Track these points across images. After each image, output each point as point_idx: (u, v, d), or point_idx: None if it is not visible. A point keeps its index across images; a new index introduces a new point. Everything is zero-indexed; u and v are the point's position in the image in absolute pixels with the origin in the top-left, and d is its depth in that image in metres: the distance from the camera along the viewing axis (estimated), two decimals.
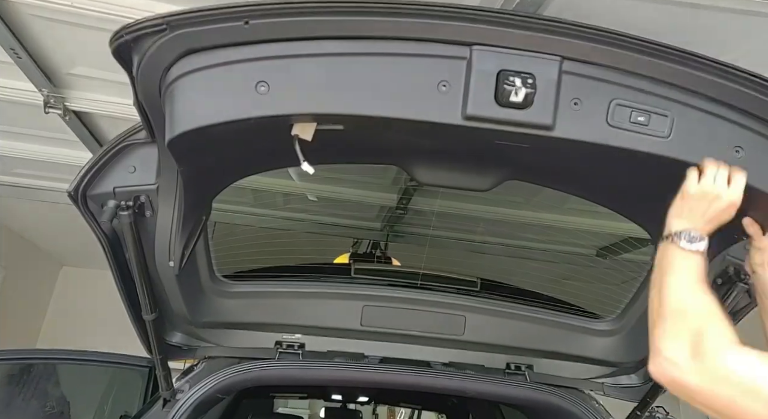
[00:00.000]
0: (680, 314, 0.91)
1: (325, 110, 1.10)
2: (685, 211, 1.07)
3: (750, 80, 1.12)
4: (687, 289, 0.95)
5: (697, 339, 0.86)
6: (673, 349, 0.87)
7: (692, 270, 0.99)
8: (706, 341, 0.86)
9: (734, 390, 0.81)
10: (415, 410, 4.23)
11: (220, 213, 1.75)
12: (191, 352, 1.93)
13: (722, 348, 0.85)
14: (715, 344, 0.86)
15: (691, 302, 0.93)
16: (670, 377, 0.87)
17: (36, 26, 1.86)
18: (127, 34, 1.05)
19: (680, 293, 0.95)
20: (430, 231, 2.19)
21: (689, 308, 0.92)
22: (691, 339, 0.87)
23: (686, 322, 0.90)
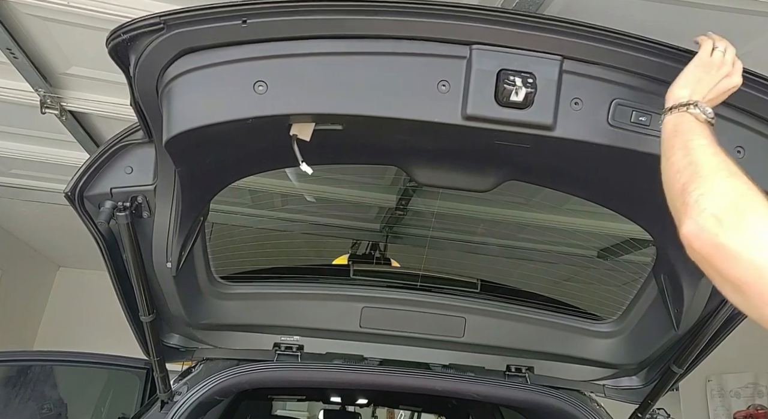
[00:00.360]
0: (721, 179, 0.81)
1: (323, 109, 1.09)
2: (695, 81, 0.99)
3: (751, 80, 1.11)
4: (719, 152, 0.86)
5: (739, 199, 0.78)
6: (715, 205, 0.77)
7: (709, 136, 0.90)
8: (747, 202, 0.77)
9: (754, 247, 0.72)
10: (414, 412, 4.22)
11: (218, 214, 1.74)
12: (189, 354, 1.92)
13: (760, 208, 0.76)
14: (758, 207, 0.76)
15: (730, 164, 0.83)
16: (710, 235, 0.75)
17: (32, 26, 1.85)
18: (124, 34, 1.05)
19: (713, 158, 0.85)
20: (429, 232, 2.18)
21: (731, 169, 0.82)
22: (734, 200, 0.78)
23: (729, 189, 0.80)
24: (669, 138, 0.94)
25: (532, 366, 1.94)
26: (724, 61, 1.03)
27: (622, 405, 1.98)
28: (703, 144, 0.89)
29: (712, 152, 0.88)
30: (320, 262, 2.49)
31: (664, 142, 0.95)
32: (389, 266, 2.45)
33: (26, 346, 5.22)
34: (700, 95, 0.98)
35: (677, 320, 1.59)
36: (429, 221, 2.17)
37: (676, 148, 0.91)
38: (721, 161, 0.86)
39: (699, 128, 0.93)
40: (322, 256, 2.57)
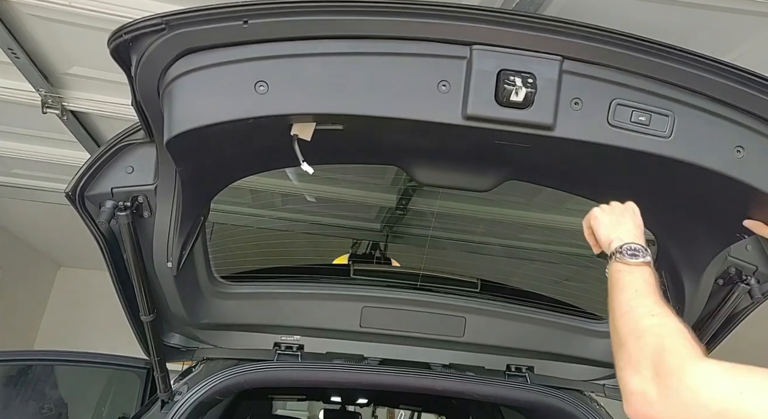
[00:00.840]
0: (636, 337, 0.79)
1: (324, 109, 1.09)
2: (609, 228, 1.01)
3: (751, 80, 1.11)
4: (640, 307, 0.85)
5: (659, 362, 0.74)
6: (639, 380, 0.74)
7: (641, 285, 0.89)
8: (665, 362, 0.73)
9: (705, 413, 0.68)
10: (414, 412, 4.21)
11: (219, 214, 1.75)
12: (189, 353, 1.92)
13: (683, 366, 0.72)
14: (675, 363, 0.73)
15: (646, 321, 0.81)
16: (644, 414, 0.73)
17: (34, 26, 1.86)
18: (126, 34, 1.05)
19: (633, 313, 0.84)
20: (429, 232, 2.19)
21: (644, 329, 0.80)
22: (653, 364, 0.74)
23: (644, 346, 0.77)
24: (610, 289, 0.94)
25: (533, 366, 1.94)
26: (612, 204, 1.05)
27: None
28: (624, 302, 0.87)
29: (631, 312, 0.85)
30: (320, 262, 2.49)
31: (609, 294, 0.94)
32: (389, 266, 2.45)
33: (27, 346, 5.23)
34: (627, 236, 0.98)
35: (679, 315, 1.59)
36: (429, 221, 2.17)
37: (611, 309, 0.90)
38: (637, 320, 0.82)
39: (625, 280, 0.92)
40: (322, 256, 2.57)
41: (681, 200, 1.31)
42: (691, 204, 1.31)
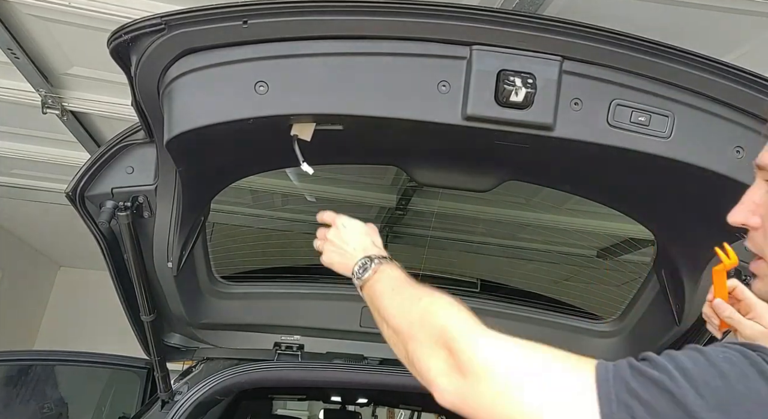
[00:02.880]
0: (415, 326, 0.76)
1: (324, 110, 1.09)
2: (343, 261, 1.04)
3: (751, 80, 1.11)
4: (403, 302, 0.83)
5: (446, 342, 0.69)
6: (436, 369, 0.69)
7: (394, 283, 0.88)
8: (453, 341, 0.69)
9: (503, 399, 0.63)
10: (414, 412, 4.21)
11: (219, 214, 1.74)
12: (190, 353, 1.93)
13: (472, 344, 0.68)
14: (464, 341, 0.68)
15: (416, 308, 0.78)
16: (452, 403, 0.67)
17: (34, 26, 1.86)
18: (126, 34, 1.05)
19: (401, 309, 0.81)
20: (429, 232, 2.18)
21: (420, 315, 0.77)
22: (443, 347, 0.70)
23: (426, 330, 0.74)
24: (371, 309, 0.92)
25: None
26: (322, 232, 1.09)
27: None
28: (387, 303, 0.86)
29: (400, 305, 0.83)
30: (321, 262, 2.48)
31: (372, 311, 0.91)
32: None
33: (27, 346, 5.23)
34: (349, 258, 1.02)
35: (679, 315, 1.59)
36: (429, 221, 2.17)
37: (379, 321, 0.89)
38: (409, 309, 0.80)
39: (376, 288, 0.92)
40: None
41: (680, 200, 1.31)
42: (691, 204, 1.31)
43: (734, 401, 0.52)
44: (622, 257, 2.04)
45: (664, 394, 0.54)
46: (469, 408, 0.66)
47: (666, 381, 0.55)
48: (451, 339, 0.70)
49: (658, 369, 0.56)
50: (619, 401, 0.56)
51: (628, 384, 0.57)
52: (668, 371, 0.56)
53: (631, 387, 0.56)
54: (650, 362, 0.58)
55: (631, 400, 0.55)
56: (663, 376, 0.55)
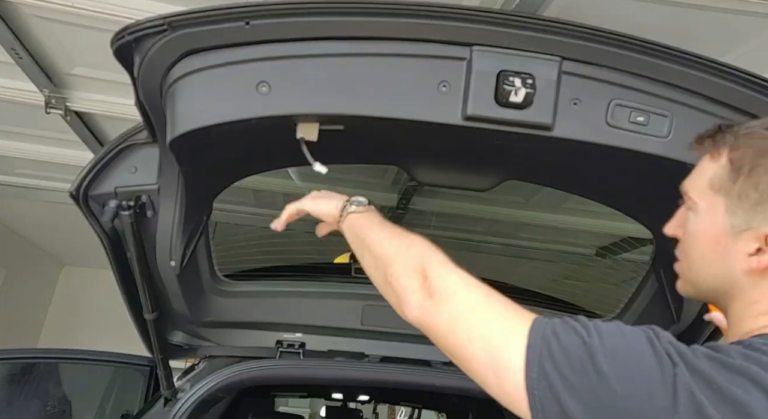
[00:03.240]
0: (398, 254, 0.89)
1: (325, 110, 1.10)
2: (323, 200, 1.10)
3: (750, 81, 1.12)
4: (391, 235, 0.95)
5: (423, 270, 0.85)
6: (410, 289, 0.84)
7: (382, 222, 0.99)
8: (431, 269, 0.84)
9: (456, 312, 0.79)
10: (415, 409, 4.23)
11: (222, 213, 1.76)
12: (192, 351, 1.94)
13: (446, 274, 0.83)
14: (439, 271, 0.84)
15: (402, 242, 0.91)
16: (417, 318, 0.84)
17: (37, 27, 1.86)
18: (129, 35, 1.06)
19: (388, 239, 0.93)
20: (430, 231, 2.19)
21: (403, 247, 0.90)
22: (420, 273, 0.85)
23: (409, 259, 0.87)
24: (352, 243, 1.02)
25: None
26: None
27: None
28: (375, 234, 0.96)
29: (386, 238, 0.95)
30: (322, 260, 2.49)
31: (351, 246, 1.02)
32: None
33: (30, 344, 5.26)
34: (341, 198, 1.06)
35: (677, 313, 1.60)
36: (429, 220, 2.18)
37: (361, 251, 0.99)
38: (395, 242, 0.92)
39: (365, 222, 1.01)
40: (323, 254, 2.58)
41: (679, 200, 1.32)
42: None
43: (624, 353, 0.68)
44: (620, 255, 2.05)
45: (577, 338, 0.70)
46: (428, 325, 0.83)
47: (582, 331, 0.71)
48: (429, 268, 0.85)
49: (580, 323, 0.73)
50: (543, 337, 0.72)
51: (554, 327, 0.73)
52: (587, 326, 0.72)
53: (555, 330, 0.72)
54: (579, 321, 0.74)
55: (551, 337, 0.71)
56: (581, 328, 0.71)
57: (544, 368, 0.69)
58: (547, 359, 0.69)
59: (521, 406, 0.71)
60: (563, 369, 0.68)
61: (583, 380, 0.67)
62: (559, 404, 0.67)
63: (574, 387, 0.67)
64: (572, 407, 0.66)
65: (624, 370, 0.66)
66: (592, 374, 0.66)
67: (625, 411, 0.64)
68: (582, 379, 0.67)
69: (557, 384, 0.68)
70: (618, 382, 0.65)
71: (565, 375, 0.68)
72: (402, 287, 0.87)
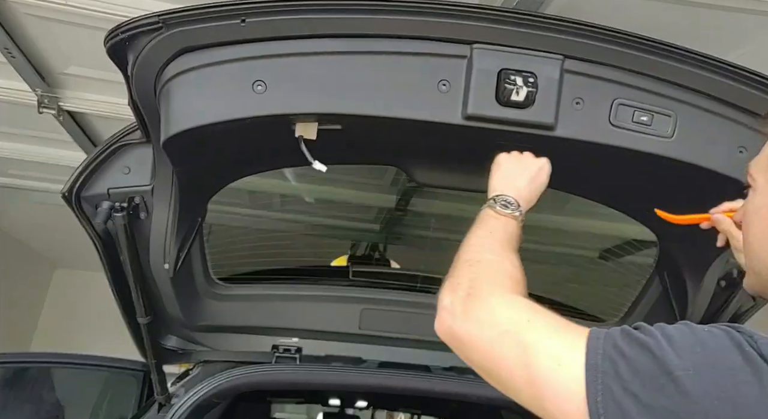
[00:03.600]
0: (468, 264, 0.84)
1: (322, 109, 1.08)
2: (501, 177, 1.03)
3: (754, 80, 1.11)
4: (487, 245, 0.89)
5: (477, 285, 0.79)
6: (451, 298, 0.79)
7: (498, 231, 0.92)
8: (480, 287, 0.79)
9: (494, 332, 0.72)
10: (414, 415, 4.20)
11: (216, 215, 1.73)
12: (187, 356, 1.91)
13: (493, 292, 0.77)
14: (487, 289, 0.78)
15: (485, 255, 0.86)
16: (447, 326, 0.77)
17: (30, 25, 1.84)
18: (123, 33, 1.04)
19: (477, 247, 0.88)
20: (429, 233, 2.17)
21: (480, 260, 0.84)
22: (469, 287, 0.79)
23: (471, 272, 0.82)
24: (475, 223, 0.96)
25: None
26: (522, 154, 1.04)
27: None
28: (475, 237, 0.91)
29: (477, 245, 0.89)
30: (319, 263, 2.47)
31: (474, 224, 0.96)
32: (389, 268, 2.44)
33: (23, 348, 5.20)
34: (508, 189, 0.99)
35: (682, 316, 1.58)
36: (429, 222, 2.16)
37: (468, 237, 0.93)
38: (479, 252, 0.86)
39: (486, 222, 0.94)
40: (320, 257, 2.56)
41: (683, 200, 1.30)
42: (693, 205, 1.31)
43: (708, 365, 0.57)
44: (624, 258, 2.03)
45: (647, 353, 0.60)
46: (457, 339, 0.76)
47: (650, 343, 0.60)
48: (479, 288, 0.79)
49: (645, 333, 0.62)
50: (605, 355, 0.62)
51: (615, 342, 0.63)
52: (654, 335, 0.61)
53: (618, 345, 0.62)
54: (641, 328, 0.63)
55: (616, 355, 0.61)
56: (648, 339, 0.61)
57: (610, 390, 0.60)
58: (612, 379, 0.60)
59: None
60: (634, 388, 0.59)
61: (662, 400, 0.57)
62: None
63: (651, 407, 0.57)
64: None
65: (714, 388, 0.56)
66: (674, 394, 0.57)
67: None
68: (660, 399, 0.57)
69: (627, 405, 0.58)
70: (708, 401, 0.55)
71: (637, 396, 0.58)
72: (440, 298, 0.81)
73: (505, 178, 1.02)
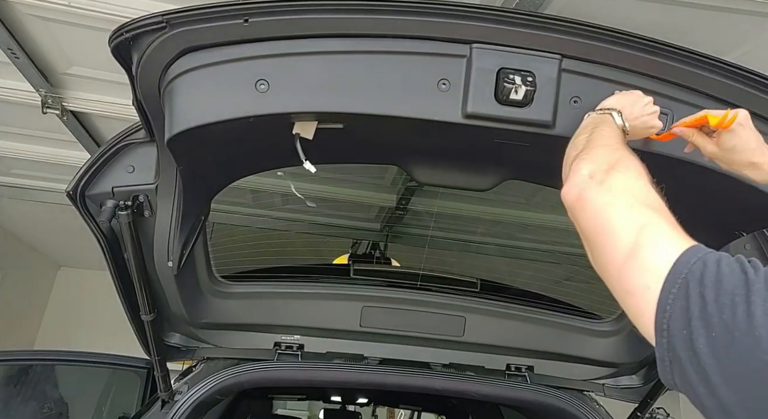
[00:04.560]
0: (606, 149, 0.88)
1: (324, 108, 1.09)
2: (620, 99, 1.06)
3: (751, 79, 1.12)
4: (616, 140, 0.93)
5: (612, 166, 0.83)
6: (590, 167, 0.83)
7: (621, 137, 0.96)
8: (619, 165, 0.83)
9: (622, 204, 0.76)
10: (414, 411, 4.21)
11: (219, 214, 1.75)
12: (190, 353, 1.92)
13: (630, 173, 0.82)
14: (625, 170, 0.82)
15: (618, 147, 0.90)
16: (578, 190, 0.81)
17: (34, 26, 1.86)
18: (127, 33, 1.05)
19: (610, 140, 0.92)
20: (429, 232, 2.19)
21: (615, 150, 0.88)
22: (607, 166, 0.83)
23: (608, 156, 0.86)
24: (584, 126, 1.00)
25: (532, 366, 1.94)
26: (651, 103, 1.07)
27: (622, 403, 1.98)
28: (607, 133, 0.95)
29: (609, 136, 0.93)
30: (321, 261, 2.49)
31: (579, 129, 1.00)
32: (389, 266, 2.45)
33: (27, 346, 5.23)
34: (628, 113, 1.02)
35: None
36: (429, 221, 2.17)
37: (584, 133, 0.97)
38: (614, 142, 0.91)
39: (612, 127, 0.98)
40: (322, 256, 2.57)
41: (680, 198, 1.31)
42: (690, 202, 1.31)
43: None
44: None
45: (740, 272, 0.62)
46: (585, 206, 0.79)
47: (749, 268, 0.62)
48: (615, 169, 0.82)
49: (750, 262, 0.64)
50: (702, 258, 0.64)
51: (719, 255, 0.65)
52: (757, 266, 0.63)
53: (719, 257, 0.65)
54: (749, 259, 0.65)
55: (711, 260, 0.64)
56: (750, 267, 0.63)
57: (687, 285, 0.61)
58: (695, 278, 0.61)
59: (644, 320, 0.64)
60: (708, 294, 0.59)
61: (726, 315, 0.57)
62: (688, 330, 0.58)
63: (711, 318, 0.58)
64: (700, 341, 0.57)
65: None
66: (741, 314, 0.57)
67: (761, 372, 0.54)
68: (725, 314, 0.57)
69: (695, 307, 0.59)
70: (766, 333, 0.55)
71: (706, 301, 0.58)
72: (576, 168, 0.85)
73: (622, 100, 1.05)
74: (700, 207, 1.31)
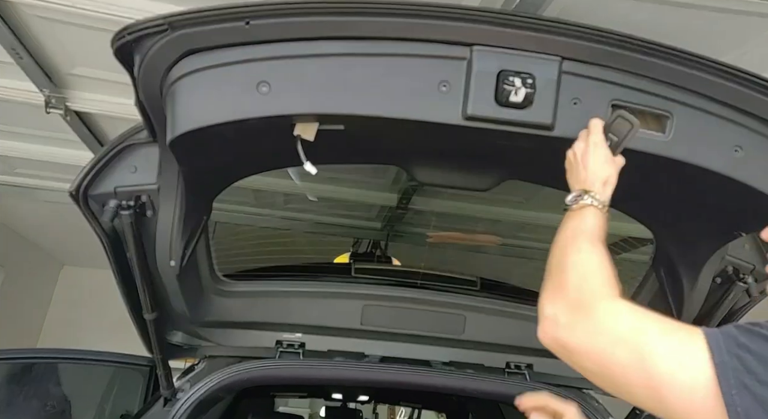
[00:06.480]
0: (562, 269, 0.85)
1: (325, 110, 1.10)
2: (572, 178, 1.05)
3: (750, 80, 1.12)
4: (572, 243, 0.89)
5: (576, 293, 0.81)
6: (554, 307, 0.81)
7: (580, 225, 0.93)
8: (584, 294, 0.80)
9: (606, 340, 0.74)
10: (415, 409, 4.23)
11: (221, 213, 1.76)
12: (192, 351, 1.94)
13: (598, 300, 0.79)
14: (592, 297, 0.79)
15: (575, 256, 0.86)
16: (551, 337, 0.80)
17: (37, 27, 1.87)
18: (129, 35, 1.06)
19: (565, 249, 0.89)
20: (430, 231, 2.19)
21: (572, 262, 0.85)
22: (572, 295, 0.81)
23: (567, 277, 0.83)
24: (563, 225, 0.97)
25: (532, 364, 1.95)
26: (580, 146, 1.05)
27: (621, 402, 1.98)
28: (560, 239, 0.92)
29: (564, 247, 0.90)
30: (322, 260, 2.50)
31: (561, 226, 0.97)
32: (390, 265, 2.46)
33: (30, 344, 5.25)
34: (579, 185, 1.01)
35: (678, 313, 1.60)
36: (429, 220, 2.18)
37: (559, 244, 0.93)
38: (568, 254, 0.87)
39: (568, 221, 0.95)
40: (323, 254, 2.58)
41: (679, 199, 1.32)
42: (689, 203, 1.32)
43: None
44: (621, 255, 2.05)
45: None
46: (566, 349, 0.79)
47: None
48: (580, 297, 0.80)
49: (763, 328, 0.66)
50: (730, 352, 0.65)
51: (737, 340, 0.66)
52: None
53: (741, 342, 0.66)
54: (757, 325, 0.67)
55: (741, 352, 0.65)
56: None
57: (743, 383, 0.64)
58: (744, 373, 0.64)
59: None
60: (763, 376, 0.63)
61: None
62: None
63: None
64: None
65: None
66: None
67: None
68: None
69: (763, 395, 0.63)
70: None
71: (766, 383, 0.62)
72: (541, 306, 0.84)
73: (576, 177, 1.04)
74: (701, 208, 1.32)
